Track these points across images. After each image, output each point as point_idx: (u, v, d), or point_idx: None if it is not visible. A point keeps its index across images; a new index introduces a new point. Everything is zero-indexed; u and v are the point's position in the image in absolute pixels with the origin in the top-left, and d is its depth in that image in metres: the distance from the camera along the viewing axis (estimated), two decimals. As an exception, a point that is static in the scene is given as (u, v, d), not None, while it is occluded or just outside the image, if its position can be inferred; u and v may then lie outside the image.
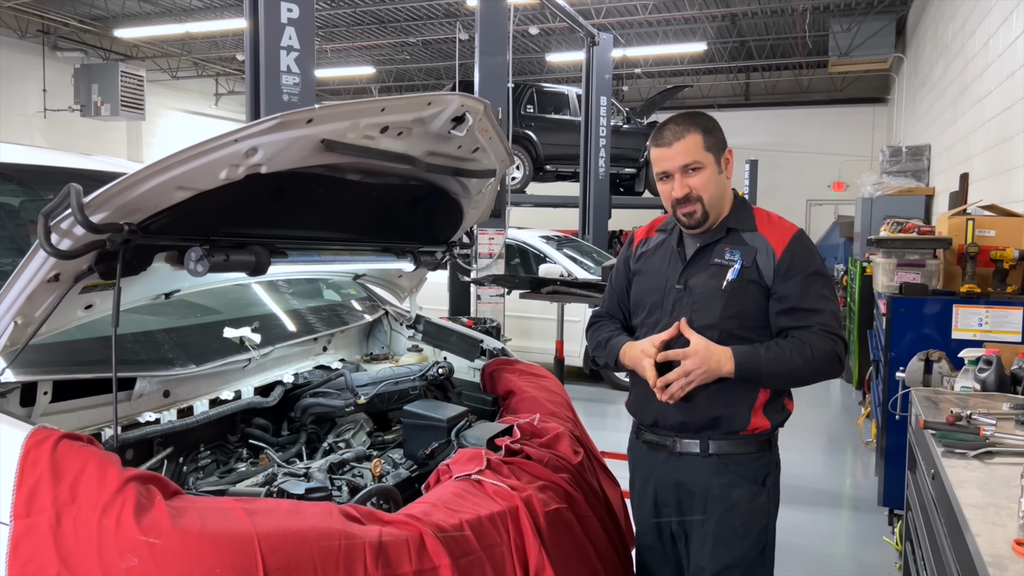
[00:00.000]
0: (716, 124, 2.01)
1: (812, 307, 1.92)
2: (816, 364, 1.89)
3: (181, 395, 2.12)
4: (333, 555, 1.43)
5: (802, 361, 1.87)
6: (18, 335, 1.56)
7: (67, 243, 1.46)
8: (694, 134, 1.95)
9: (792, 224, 2.04)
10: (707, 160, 1.96)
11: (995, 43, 6.16)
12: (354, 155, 1.78)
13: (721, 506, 1.99)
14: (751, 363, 1.88)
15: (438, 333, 3.01)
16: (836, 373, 1.94)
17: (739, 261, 1.97)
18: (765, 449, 2.03)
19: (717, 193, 2.00)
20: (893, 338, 3.87)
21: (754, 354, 1.89)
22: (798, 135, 17.55)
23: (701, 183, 1.96)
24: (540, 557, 1.74)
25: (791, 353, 1.88)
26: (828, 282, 1.99)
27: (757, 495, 2.00)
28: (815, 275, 1.96)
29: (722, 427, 1.99)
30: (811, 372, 1.90)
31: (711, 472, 2.00)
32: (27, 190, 2.38)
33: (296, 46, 4.67)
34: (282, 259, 1.93)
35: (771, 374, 1.89)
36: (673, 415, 2.01)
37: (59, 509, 1.33)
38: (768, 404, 2.01)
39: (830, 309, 1.93)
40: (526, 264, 8.52)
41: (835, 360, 1.91)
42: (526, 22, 13.42)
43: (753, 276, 1.97)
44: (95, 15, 13.45)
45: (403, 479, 2.06)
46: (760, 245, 1.98)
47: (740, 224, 2.02)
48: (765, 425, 2.00)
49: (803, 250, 1.97)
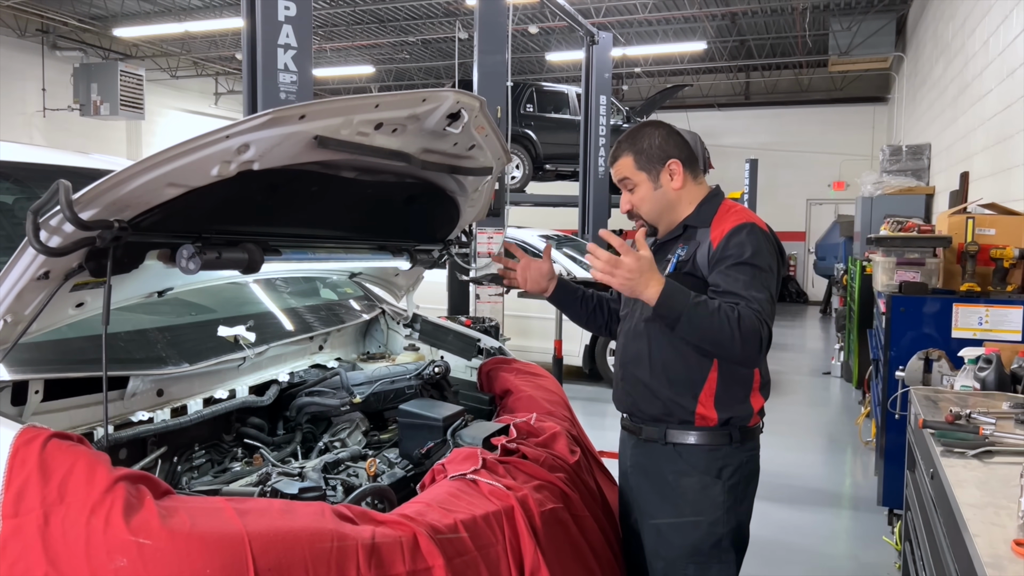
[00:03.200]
0: (655, 140, 2.07)
1: (736, 291, 1.88)
2: (737, 332, 1.80)
3: (175, 394, 2.10)
4: (325, 555, 1.41)
5: (725, 321, 1.80)
6: (7, 333, 1.54)
7: (56, 240, 1.44)
8: (625, 156, 2.09)
9: (746, 218, 2.01)
10: (639, 178, 2.09)
11: (995, 42, 6.15)
12: (348, 152, 1.76)
13: (672, 494, 2.04)
14: (676, 299, 1.82)
15: (435, 332, 3.00)
16: (752, 355, 1.86)
17: (675, 256, 2.06)
18: (725, 443, 2.02)
19: (656, 207, 2.10)
20: (893, 337, 3.86)
21: (682, 291, 1.83)
22: (798, 134, 17.54)
23: (637, 199, 2.11)
24: (535, 557, 1.73)
25: (718, 309, 1.82)
26: (760, 273, 1.92)
27: (708, 486, 2.01)
28: (743, 264, 1.91)
29: (675, 415, 2.03)
30: (730, 339, 1.81)
31: (666, 459, 2.06)
32: (23, 188, 2.36)
33: (293, 44, 4.65)
34: (276, 257, 1.91)
35: (690, 321, 1.82)
36: (637, 403, 2.10)
37: (47, 509, 1.32)
38: (718, 395, 2.00)
39: (756, 297, 1.87)
40: (525, 263, 8.50)
41: (756, 339, 1.83)
42: (525, 21, 13.41)
43: (688, 268, 2.01)
44: (94, 14, 13.45)
45: (398, 479, 2.04)
46: (704, 239, 2.02)
47: (698, 221, 2.08)
48: (712, 416, 2.00)
49: (738, 242, 1.94)
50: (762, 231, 1.99)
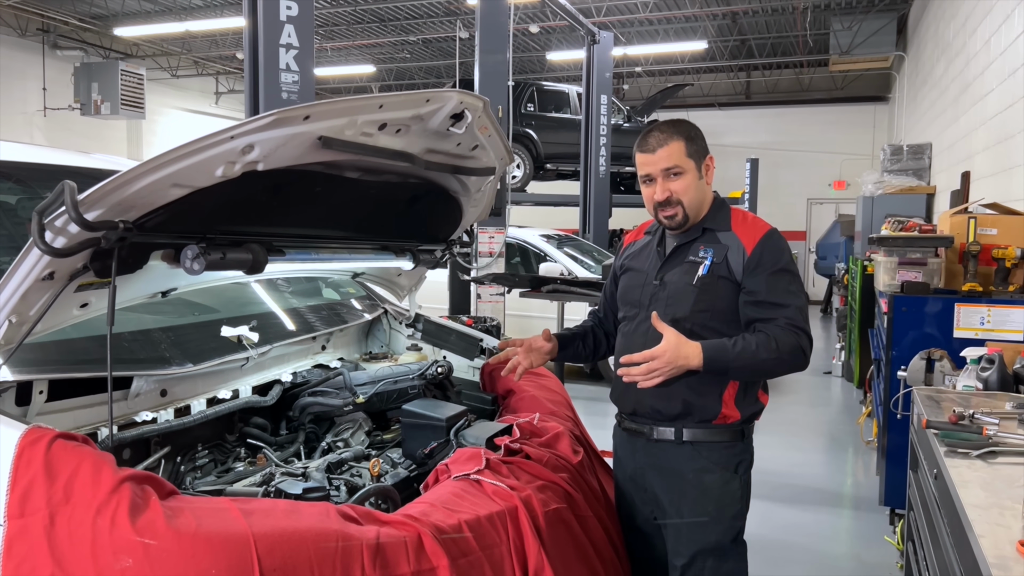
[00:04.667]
0: (699, 132, 2.13)
1: (777, 301, 1.99)
2: (781, 357, 1.95)
3: (178, 394, 2.10)
4: (330, 555, 1.41)
5: (767, 355, 1.93)
6: (12, 334, 1.54)
7: (61, 241, 1.44)
8: (677, 141, 2.07)
9: (766, 224, 2.12)
10: (688, 166, 2.08)
11: (996, 41, 6.14)
12: (352, 152, 1.76)
13: (694, 491, 2.07)
14: (719, 357, 1.94)
15: (437, 332, 3.00)
16: (801, 366, 1.99)
17: (710, 258, 2.07)
18: (738, 439, 2.11)
19: (697, 197, 2.10)
20: (894, 337, 3.86)
21: (722, 348, 1.95)
22: (799, 134, 17.52)
23: (682, 187, 2.08)
24: (539, 557, 1.73)
25: (757, 347, 1.94)
26: (795, 279, 2.05)
27: (729, 481, 2.08)
28: (782, 271, 2.03)
29: (695, 415, 2.06)
30: (776, 365, 1.97)
31: (685, 458, 2.08)
32: (25, 188, 2.36)
33: (295, 44, 4.65)
34: (280, 257, 1.92)
35: (739, 367, 1.96)
36: (649, 403, 2.10)
37: (53, 509, 1.32)
38: (739, 395, 2.08)
39: (795, 304, 2.00)
40: (526, 263, 8.51)
41: (800, 353, 1.96)
42: (526, 20, 13.41)
43: (723, 272, 2.05)
44: (95, 13, 13.44)
45: (402, 479, 2.05)
46: (732, 243, 2.07)
47: (716, 224, 2.12)
48: (736, 415, 2.07)
49: (773, 248, 2.05)
50: (782, 236, 2.11)
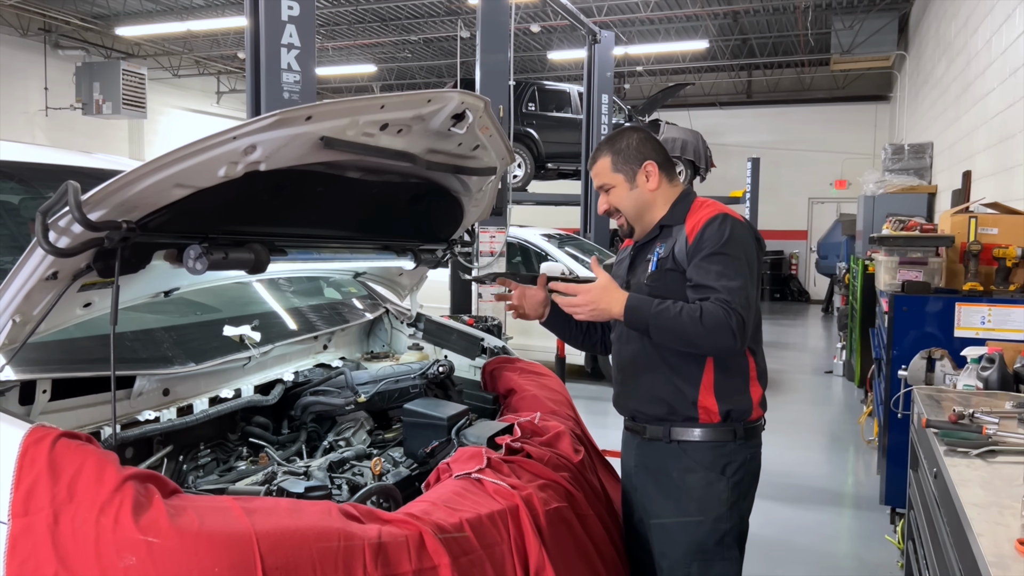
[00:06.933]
0: (632, 142, 2.15)
1: (708, 284, 1.96)
2: (704, 329, 1.89)
3: (181, 393, 2.11)
4: (332, 554, 1.42)
5: (689, 322, 1.90)
6: (16, 333, 1.55)
7: (65, 241, 1.44)
8: (604, 158, 2.16)
9: (718, 209, 2.08)
10: (616, 180, 2.15)
11: (997, 41, 6.14)
12: (354, 152, 1.77)
13: (677, 490, 2.07)
14: (641, 308, 1.96)
15: (439, 331, 3.00)
16: (727, 345, 1.92)
17: (657, 253, 2.11)
18: (729, 439, 2.07)
19: (635, 205, 2.16)
20: (895, 336, 3.86)
21: (646, 302, 1.97)
22: (800, 133, 17.52)
23: (616, 199, 2.17)
24: (540, 556, 1.74)
25: (681, 311, 1.92)
26: (730, 261, 1.98)
27: (714, 482, 2.05)
28: (716, 255, 1.98)
29: (679, 412, 2.07)
30: (697, 334, 1.91)
31: (671, 457, 2.09)
32: (27, 188, 2.37)
33: (297, 44, 4.66)
34: (282, 257, 1.92)
35: (658, 326, 1.95)
36: (633, 407, 2.17)
37: (57, 508, 1.33)
38: (718, 381, 2.05)
39: (728, 286, 1.94)
40: (527, 262, 8.51)
41: (726, 331, 1.89)
42: (527, 20, 13.41)
43: (670, 264, 2.07)
44: (96, 13, 13.46)
45: (403, 478, 2.05)
46: (680, 234, 2.08)
47: (672, 220, 2.14)
48: (715, 407, 2.04)
49: (712, 232, 2.01)
50: (735, 220, 2.05)
